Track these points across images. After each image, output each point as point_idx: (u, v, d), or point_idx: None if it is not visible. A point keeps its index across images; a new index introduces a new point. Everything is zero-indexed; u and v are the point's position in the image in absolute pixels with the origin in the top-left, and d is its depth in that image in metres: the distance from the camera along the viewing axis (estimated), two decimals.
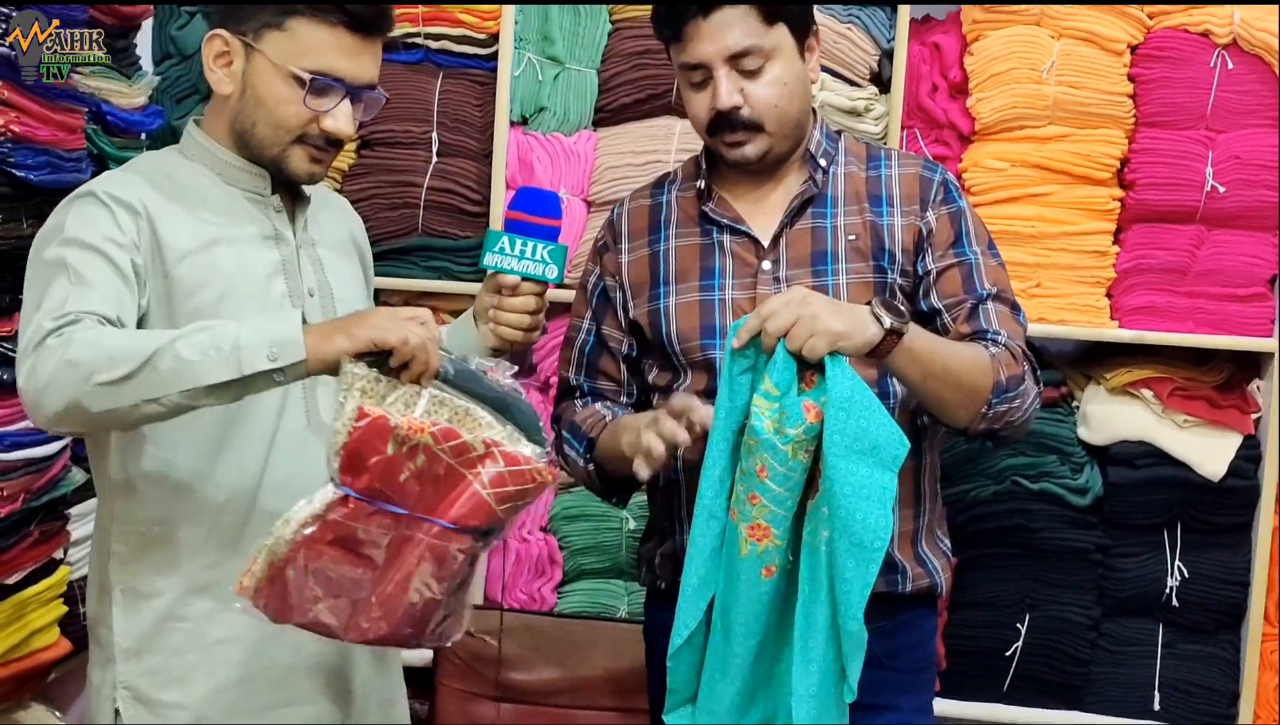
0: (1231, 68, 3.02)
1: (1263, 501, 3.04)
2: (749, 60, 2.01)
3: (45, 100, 2.82)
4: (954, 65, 3.11)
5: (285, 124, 1.98)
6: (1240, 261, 3.06)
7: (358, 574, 1.76)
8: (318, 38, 1.94)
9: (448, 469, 1.75)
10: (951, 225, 2.12)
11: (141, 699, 1.99)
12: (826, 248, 2.10)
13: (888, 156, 2.18)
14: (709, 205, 2.13)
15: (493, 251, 2.05)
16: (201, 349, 1.73)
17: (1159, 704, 3.09)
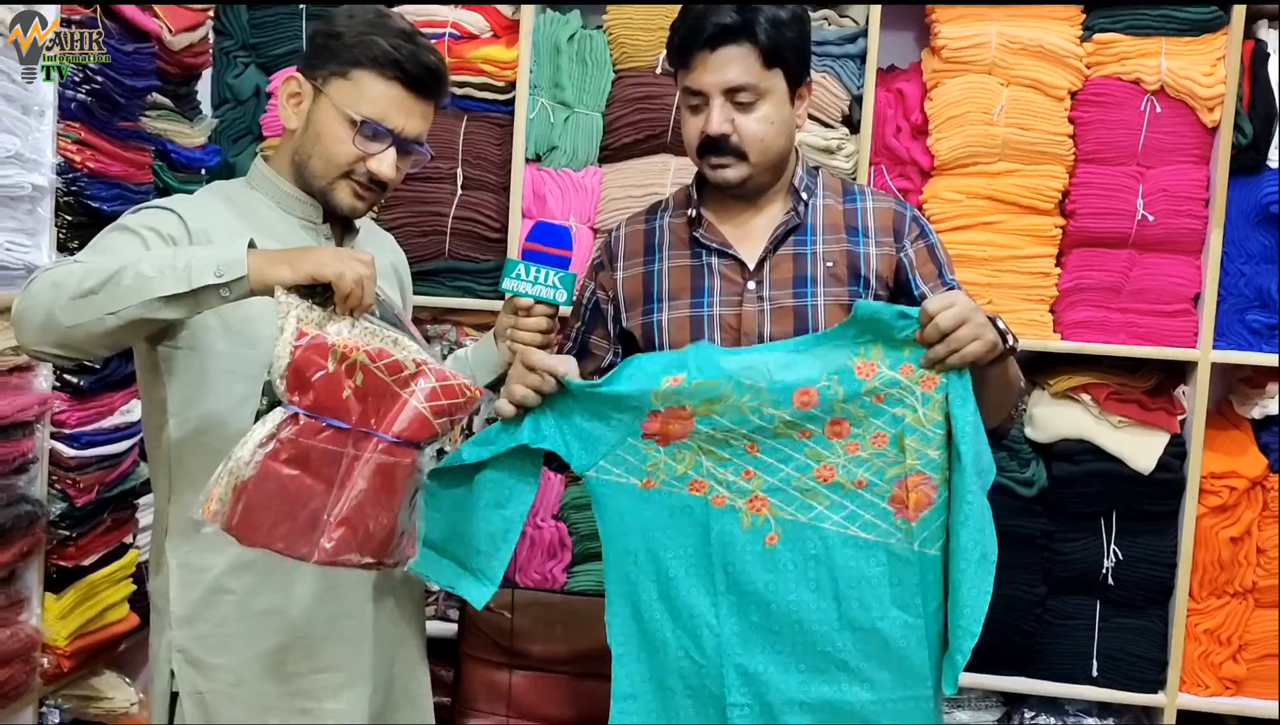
0: (1159, 111, 3.01)
1: (1187, 492, 3.02)
2: (743, 95, 1.99)
3: (117, 140, 2.82)
4: (915, 109, 3.10)
5: (335, 159, 1.98)
6: (1168, 282, 3.05)
7: (314, 493, 1.68)
8: (375, 89, 1.95)
9: (385, 386, 1.70)
10: (931, 258, 2.11)
11: (192, 661, 1.99)
12: (807, 272, 2.08)
13: (861, 192, 2.16)
14: (699, 231, 2.11)
15: (510, 277, 2.05)
16: (159, 267, 1.70)
17: (1096, 670, 3.07)
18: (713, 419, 1.90)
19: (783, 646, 1.92)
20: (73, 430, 2.72)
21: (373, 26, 1.97)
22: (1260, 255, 3.02)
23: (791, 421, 1.89)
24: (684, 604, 1.93)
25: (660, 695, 1.96)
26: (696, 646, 1.93)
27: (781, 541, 1.90)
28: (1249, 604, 3.05)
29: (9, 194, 2.52)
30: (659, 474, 1.93)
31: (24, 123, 2.55)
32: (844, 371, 1.88)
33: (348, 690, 2.05)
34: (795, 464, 1.90)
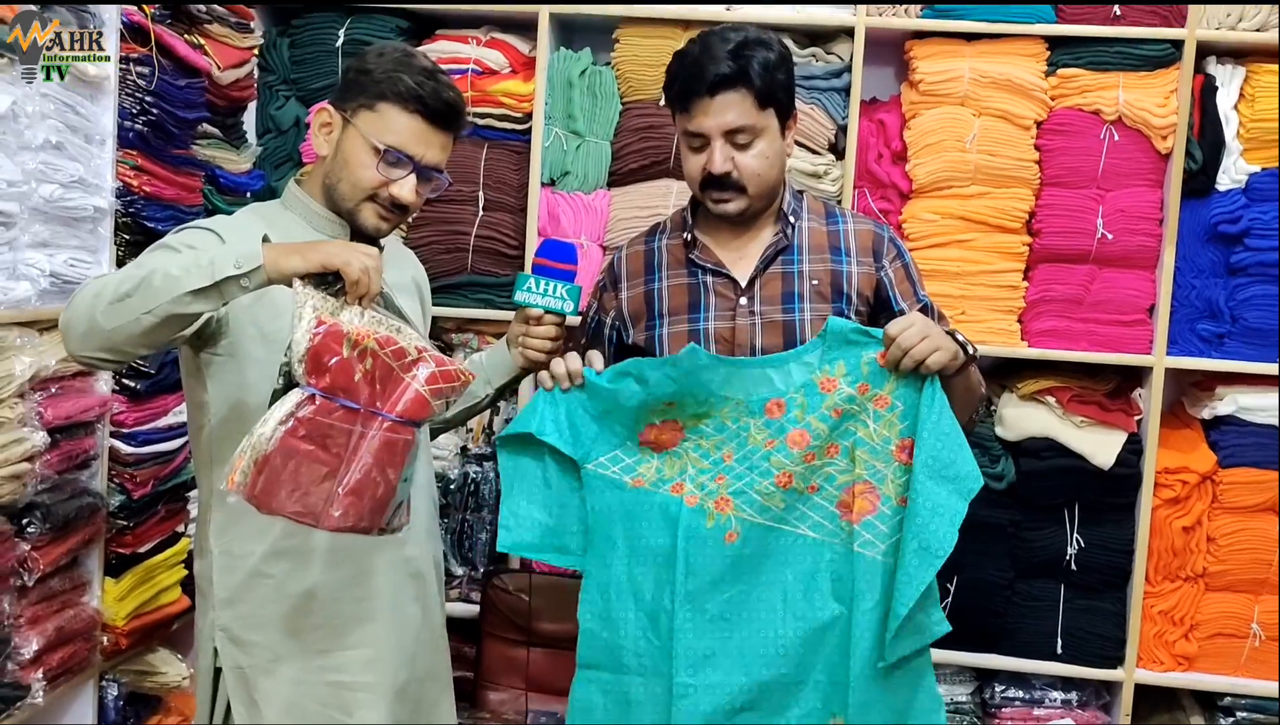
0: (1117, 139, 3.03)
1: (1143, 486, 3.04)
2: (741, 136, 2.01)
3: (170, 166, 2.85)
4: (895, 137, 3.12)
5: (360, 183, 1.99)
6: (1125, 294, 3.06)
7: (326, 466, 1.72)
8: (399, 121, 1.97)
9: (391, 371, 1.74)
10: (906, 276, 2.13)
11: (234, 639, 2.01)
12: (794, 289, 2.09)
13: (842, 214, 2.18)
14: (694, 253, 2.12)
15: (521, 290, 2.07)
16: (185, 266, 1.72)
17: (1061, 648, 3.09)
18: (700, 429, 1.99)
19: (731, 633, 1.98)
20: (130, 429, 2.75)
21: (399, 65, 1.98)
22: (1209, 270, 3.04)
23: (761, 430, 1.97)
24: (647, 589, 1.99)
25: (617, 668, 2.01)
26: (653, 628, 1.99)
27: (740, 539, 1.96)
28: (1200, 588, 3.07)
29: (73, 215, 2.55)
30: (649, 475, 2.00)
31: (87, 150, 2.58)
32: (809, 386, 1.95)
33: (375, 665, 2.06)
34: (760, 471, 1.96)
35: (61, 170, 2.48)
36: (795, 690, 1.97)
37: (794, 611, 1.97)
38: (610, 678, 2.02)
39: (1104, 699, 3.17)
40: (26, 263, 2.41)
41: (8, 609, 2.39)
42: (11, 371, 2.32)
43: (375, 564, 2.05)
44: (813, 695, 1.97)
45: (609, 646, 2.01)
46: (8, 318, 2.34)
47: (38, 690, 2.45)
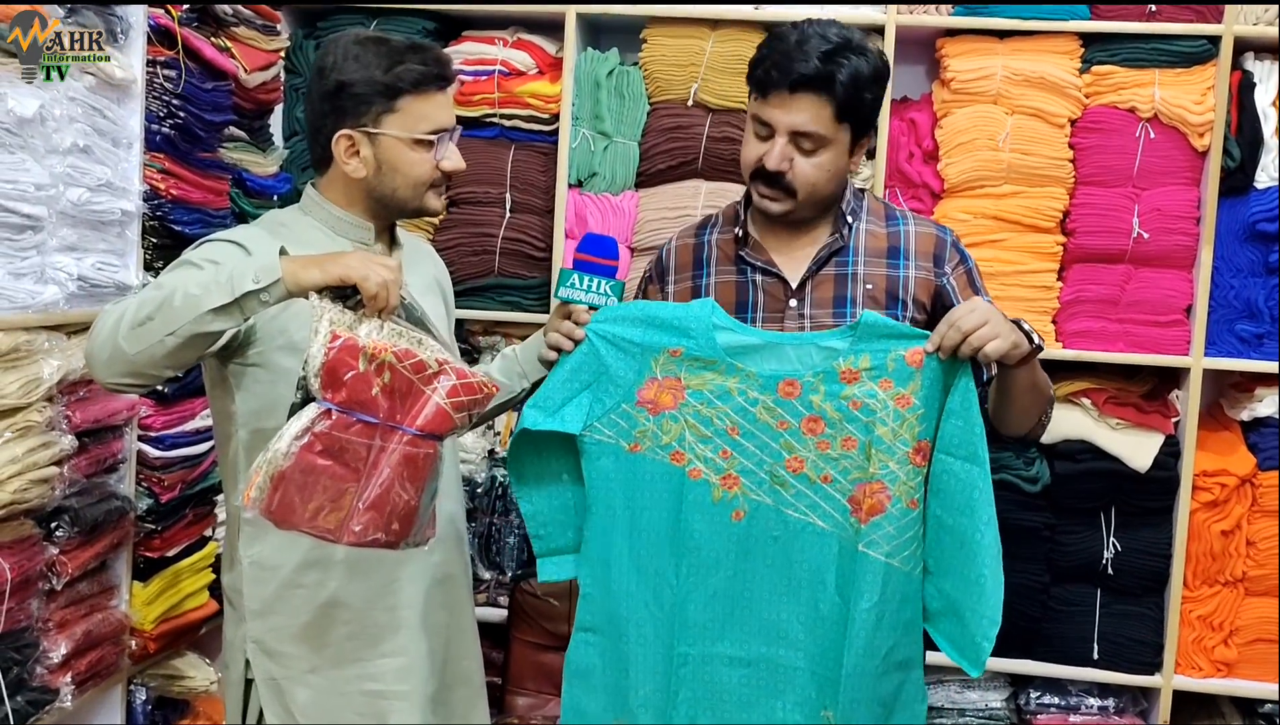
0: (1153, 137, 3.00)
1: (1181, 489, 3.01)
2: (807, 141, 1.94)
3: (197, 169, 2.86)
4: (927, 137, 3.10)
5: (420, 179, 2.01)
6: (1162, 294, 3.03)
7: (345, 481, 1.70)
8: (423, 107, 1.97)
9: (410, 384, 1.72)
10: (970, 283, 2.07)
11: (267, 651, 2.01)
12: (847, 293, 2.04)
13: (904, 216, 2.11)
14: (745, 250, 2.07)
15: (565, 286, 2.05)
16: (204, 285, 1.72)
17: (1097, 653, 3.06)
18: (703, 393, 1.94)
19: (731, 609, 1.97)
20: (158, 433, 2.76)
21: (389, 58, 1.96)
22: (1248, 269, 3.01)
23: (772, 409, 1.93)
24: (649, 559, 1.98)
25: (615, 634, 1.99)
26: (655, 598, 1.98)
27: (746, 518, 1.95)
28: (1239, 592, 3.04)
29: (100, 219, 2.56)
30: (645, 440, 1.97)
31: (114, 154, 2.59)
32: (829, 373, 1.91)
33: (408, 674, 2.06)
34: (770, 452, 1.93)
35: (89, 174, 2.48)
36: (791, 675, 1.96)
37: (797, 598, 1.95)
38: (609, 643, 2.01)
39: (1141, 705, 3.14)
40: (54, 266, 2.42)
41: (36, 613, 2.40)
42: (40, 375, 2.32)
43: (404, 572, 2.06)
44: (808, 684, 1.96)
45: (609, 613, 2.00)
46: (36, 321, 2.35)
47: (66, 694, 2.46)
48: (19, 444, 2.28)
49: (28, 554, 2.35)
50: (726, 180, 3.14)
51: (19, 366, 2.29)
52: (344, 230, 2.04)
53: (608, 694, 2.02)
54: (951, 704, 3.10)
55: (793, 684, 1.96)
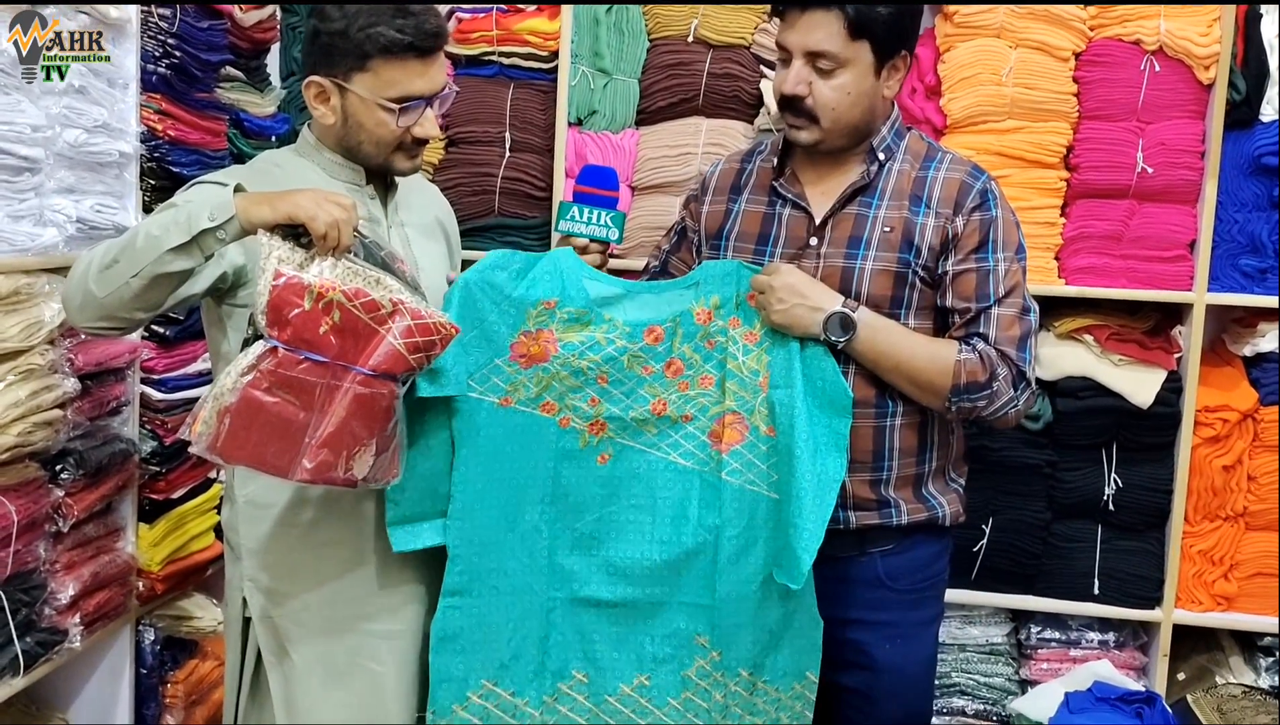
0: (1158, 70, 2.97)
1: (1183, 425, 3.01)
2: (824, 62, 1.92)
3: (194, 110, 2.85)
4: (929, 71, 3.08)
5: (384, 141, 1.98)
6: (1165, 229, 3.02)
7: (295, 418, 1.70)
8: (396, 73, 1.93)
9: (362, 324, 1.72)
10: (979, 231, 2.01)
11: (263, 589, 2.02)
12: (864, 234, 2.02)
13: (940, 159, 2.07)
14: (779, 180, 2.06)
15: (566, 219, 2.04)
16: (163, 224, 1.72)
17: (1098, 589, 3.08)
18: (574, 345, 2.00)
19: (599, 552, 2.05)
20: (160, 376, 2.77)
21: (370, 14, 1.91)
22: (1252, 204, 2.99)
23: (638, 357, 2.02)
24: (519, 509, 2.02)
25: (486, 592, 2.02)
26: (525, 547, 2.02)
27: (611, 461, 2.03)
28: (1240, 527, 3.05)
29: (98, 160, 2.55)
30: (517, 394, 2.01)
31: (110, 95, 2.58)
32: (686, 315, 2.02)
33: (403, 612, 2.07)
34: (636, 398, 2.02)
35: (85, 115, 2.48)
36: (659, 610, 2.04)
37: (661, 535, 2.03)
38: (477, 602, 2.02)
39: (1141, 639, 3.17)
40: (53, 209, 2.42)
41: (43, 555, 2.43)
42: (41, 318, 2.33)
43: None
44: (677, 615, 2.04)
45: (476, 570, 2.01)
46: (35, 264, 2.35)
47: (75, 635, 2.49)
48: (22, 387, 2.29)
49: (33, 497, 2.37)
50: (727, 117, 3.12)
51: (20, 309, 2.30)
52: (336, 172, 2.04)
53: (477, 654, 2.03)
54: (953, 639, 3.13)
55: (659, 617, 2.04)
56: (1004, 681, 3.13)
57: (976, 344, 1.99)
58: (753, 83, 3.09)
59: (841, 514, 2.05)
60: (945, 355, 1.99)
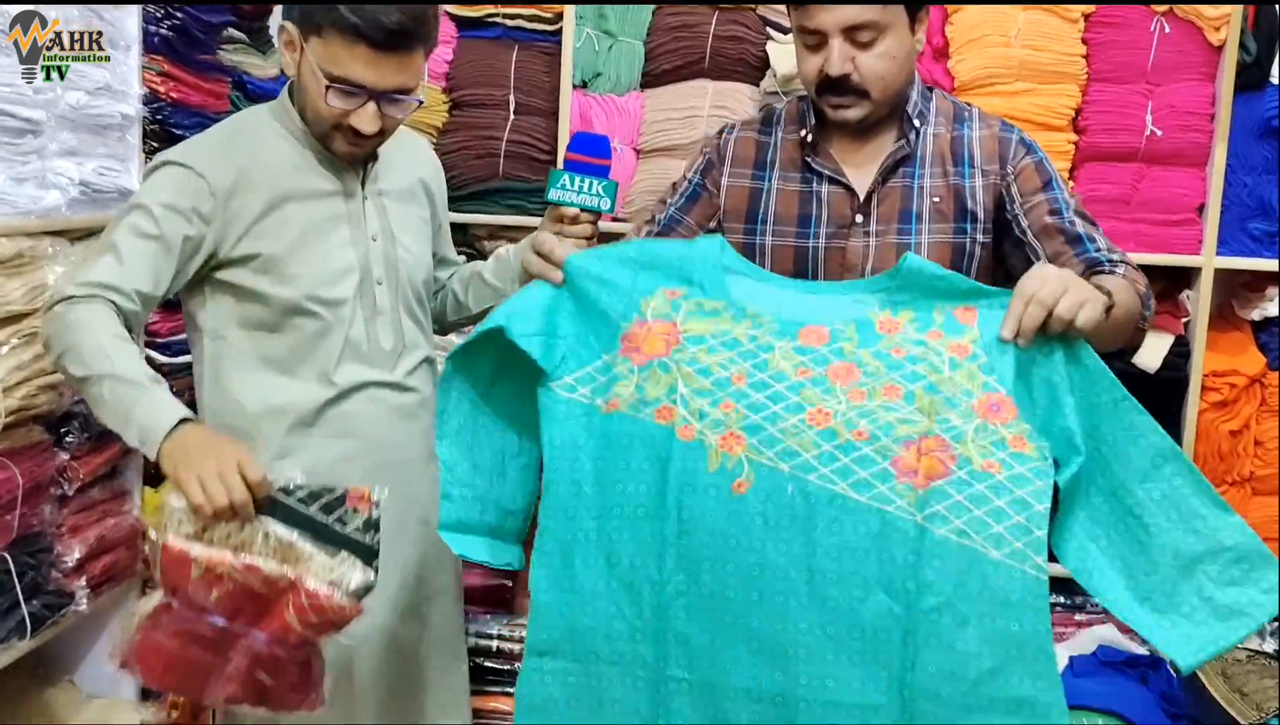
0: (1168, 31, 2.95)
1: (1190, 389, 3.01)
2: (863, 33, 1.80)
3: (197, 72, 2.84)
4: (937, 33, 3.06)
5: (320, 114, 1.94)
6: (1174, 193, 3.00)
7: (199, 664, 1.71)
8: (342, 51, 1.87)
9: (257, 594, 1.68)
10: (1038, 173, 1.91)
11: None
12: (913, 207, 1.90)
13: (970, 118, 1.96)
14: (813, 157, 1.95)
15: (556, 188, 1.99)
16: (113, 401, 1.75)
17: None
18: (704, 338, 1.59)
19: (735, 618, 1.51)
20: (164, 339, 2.76)
21: None
22: (1262, 167, 2.97)
23: (791, 356, 1.56)
24: (625, 550, 1.54)
25: (581, 654, 1.57)
26: (632, 603, 1.54)
27: (752, 490, 1.50)
28: (1247, 491, 3.05)
29: (100, 123, 2.54)
30: (626, 394, 1.58)
31: (112, 56, 2.56)
32: (863, 322, 1.58)
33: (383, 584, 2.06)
34: (786, 403, 1.52)
35: (87, 76, 2.46)
36: (820, 709, 1.49)
37: (823, 599, 1.48)
38: (573, 667, 1.57)
39: None
40: (55, 171, 2.41)
41: (50, 518, 2.43)
42: (44, 281, 2.32)
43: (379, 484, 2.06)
44: (845, 718, 1.48)
45: (572, 627, 1.57)
46: (38, 227, 2.34)
47: (81, 598, 2.50)
48: (26, 350, 2.29)
49: (38, 460, 2.37)
50: (733, 80, 3.10)
51: (23, 272, 2.29)
52: (307, 141, 2.01)
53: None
54: None
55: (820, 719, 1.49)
56: None
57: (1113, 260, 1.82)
58: (759, 45, 3.08)
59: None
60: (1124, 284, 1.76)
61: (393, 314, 2.07)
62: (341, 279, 2.00)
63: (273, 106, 2.06)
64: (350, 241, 2.01)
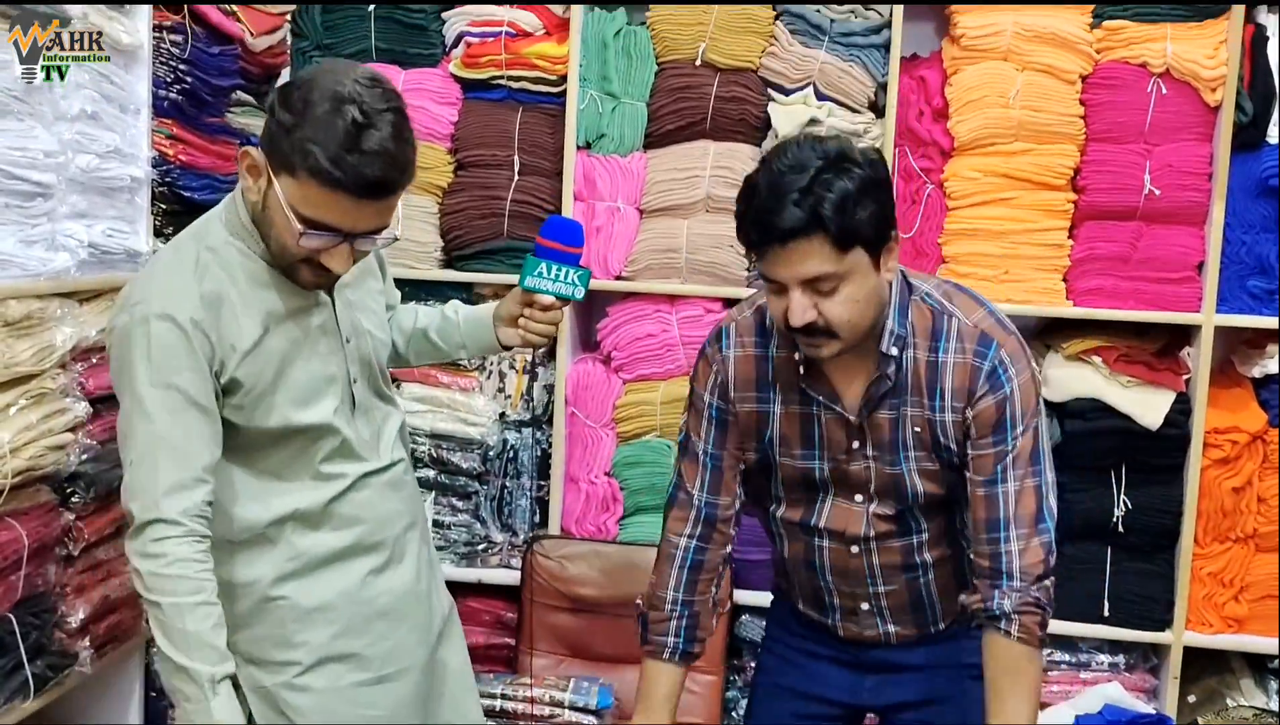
0: (1165, 92, 2.98)
1: (1192, 446, 3.01)
2: (823, 284, 1.74)
3: (205, 135, 2.87)
4: (937, 94, 3.09)
5: (287, 250, 1.82)
6: (1173, 251, 3.03)
7: None
8: (319, 196, 1.74)
9: None
10: (996, 412, 1.86)
11: (252, 660, 1.97)
12: (900, 437, 1.90)
13: (948, 335, 1.89)
14: (806, 382, 1.91)
15: (532, 276, 1.99)
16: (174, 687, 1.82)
17: (1108, 610, 3.07)
18: None
19: None
20: None
21: (321, 128, 1.71)
22: (1260, 225, 3.00)
23: None
24: None
25: None
26: None
27: None
28: (1250, 549, 3.05)
29: (110, 185, 2.57)
30: None
31: (122, 120, 2.59)
32: None
33: (397, 654, 2.06)
34: None
35: (97, 140, 2.49)
36: None
37: None
38: None
39: (1152, 662, 3.16)
40: (65, 233, 2.43)
41: (54, 578, 2.43)
42: (53, 342, 2.34)
43: (389, 561, 2.06)
44: None
45: None
46: (48, 289, 2.36)
47: (85, 658, 2.49)
48: (33, 411, 2.30)
49: (44, 520, 2.38)
50: (735, 140, 3.14)
51: (32, 334, 2.31)
52: (272, 259, 1.89)
53: None
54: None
55: None
56: None
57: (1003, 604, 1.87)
58: (760, 105, 3.11)
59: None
60: (1020, 660, 1.88)
61: (366, 403, 2.04)
62: (325, 392, 1.96)
63: (228, 224, 1.90)
64: (330, 352, 1.98)
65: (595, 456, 3.21)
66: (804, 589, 2.09)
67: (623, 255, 3.17)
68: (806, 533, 2.00)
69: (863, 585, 2.01)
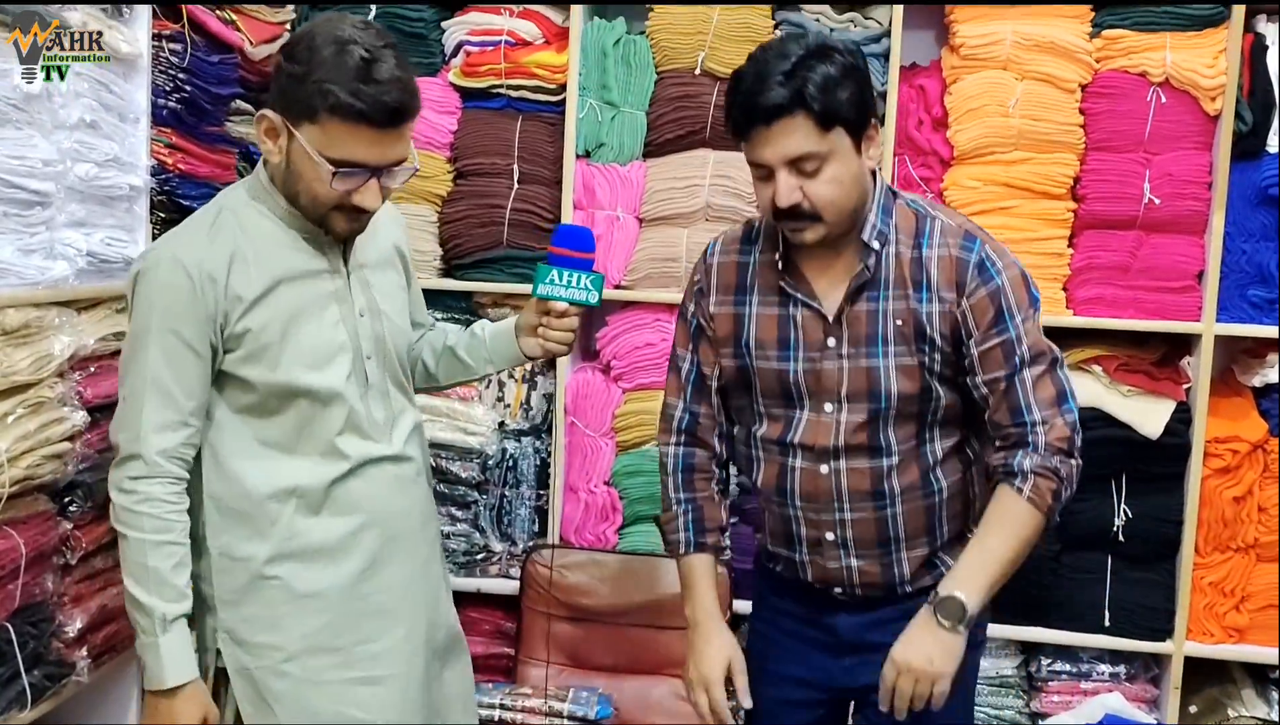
0: (1164, 102, 2.98)
1: (1193, 456, 3.01)
2: (807, 164, 1.85)
3: (204, 143, 2.87)
4: (936, 103, 3.09)
5: (320, 198, 1.90)
6: (1173, 260, 3.02)
7: None
8: (343, 134, 1.83)
9: None
10: (991, 304, 1.93)
11: (239, 641, 1.99)
12: (878, 331, 1.95)
13: (931, 232, 1.97)
14: (786, 279, 2.00)
15: (545, 283, 2.00)
16: (136, 621, 1.94)
17: (1109, 620, 3.06)
18: None
19: None
20: None
21: (333, 69, 1.81)
22: (1260, 234, 2.99)
23: None
24: None
25: None
26: None
27: None
28: (1251, 558, 3.04)
29: (109, 194, 2.57)
30: None
31: (121, 129, 2.59)
32: None
33: (390, 657, 2.06)
34: None
35: (96, 149, 2.49)
36: None
37: None
38: None
39: (1153, 672, 3.15)
40: (63, 242, 2.43)
41: (51, 588, 2.42)
42: (51, 351, 2.33)
43: (386, 558, 2.05)
44: None
45: None
46: (46, 297, 2.36)
47: (82, 668, 2.49)
48: (31, 420, 2.30)
49: (42, 529, 2.37)
50: (735, 149, 3.12)
51: (30, 342, 2.30)
52: (290, 222, 1.98)
53: None
54: None
55: None
56: (1014, 714, 3.11)
57: (1023, 463, 1.94)
58: None
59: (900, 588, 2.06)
60: (1021, 514, 1.94)
61: (381, 386, 2.06)
62: (334, 358, 1.99)
63: (250, 188, 2.01)
64: (340, 319, 2.00)
65: (595, 466, 3.21)
66: (774, 523, 2.13)
67: (622, 264, 3.17)
68: (782, 451, 2.04)
69: (830, 511, 2.03)
